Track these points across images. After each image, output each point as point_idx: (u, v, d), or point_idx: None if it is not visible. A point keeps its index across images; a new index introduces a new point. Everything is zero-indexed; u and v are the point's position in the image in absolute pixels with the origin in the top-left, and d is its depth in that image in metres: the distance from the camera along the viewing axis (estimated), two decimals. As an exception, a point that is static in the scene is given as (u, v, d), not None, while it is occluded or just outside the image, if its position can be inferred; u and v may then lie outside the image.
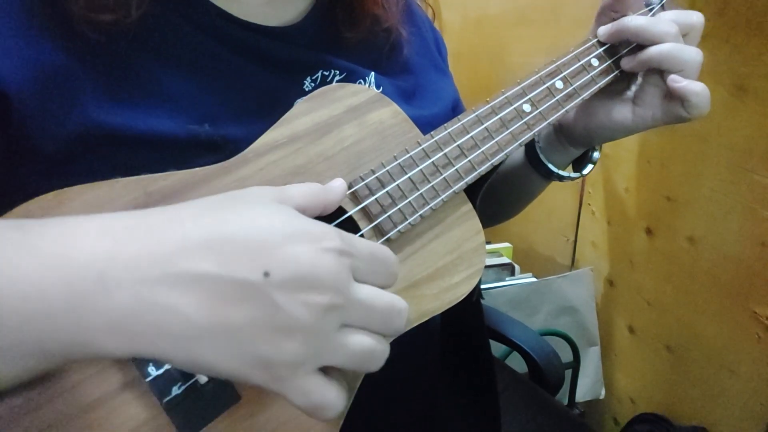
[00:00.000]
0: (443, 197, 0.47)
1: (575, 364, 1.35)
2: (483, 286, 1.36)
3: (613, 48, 0.57)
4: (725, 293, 1.03)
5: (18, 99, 0.40)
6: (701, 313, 1.09)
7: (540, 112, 0.52)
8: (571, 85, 0.54)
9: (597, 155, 0.64)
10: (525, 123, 0.52)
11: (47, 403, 0.34)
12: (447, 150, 0.48)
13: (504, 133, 0.51)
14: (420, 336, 0.51)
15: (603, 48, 0.56)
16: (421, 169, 0.47)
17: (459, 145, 0.49)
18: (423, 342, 0.60)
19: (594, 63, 0.56)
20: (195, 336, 0.29)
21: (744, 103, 0.93)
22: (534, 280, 1.41)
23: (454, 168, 0.48)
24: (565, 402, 1.36)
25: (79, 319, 0.29)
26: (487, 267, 1.43)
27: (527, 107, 0.52)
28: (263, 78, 0.49)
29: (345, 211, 0.45)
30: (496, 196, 0.72)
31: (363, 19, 0.55)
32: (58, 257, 0.29)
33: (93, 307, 0.29)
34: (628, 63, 0.55)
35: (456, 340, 0.66)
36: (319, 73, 0.52)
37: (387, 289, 0.35)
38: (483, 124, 0.50)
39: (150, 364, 0.37)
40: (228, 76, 0.47)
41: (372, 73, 0.55)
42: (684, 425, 1.15)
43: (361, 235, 0.45)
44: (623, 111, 0.57)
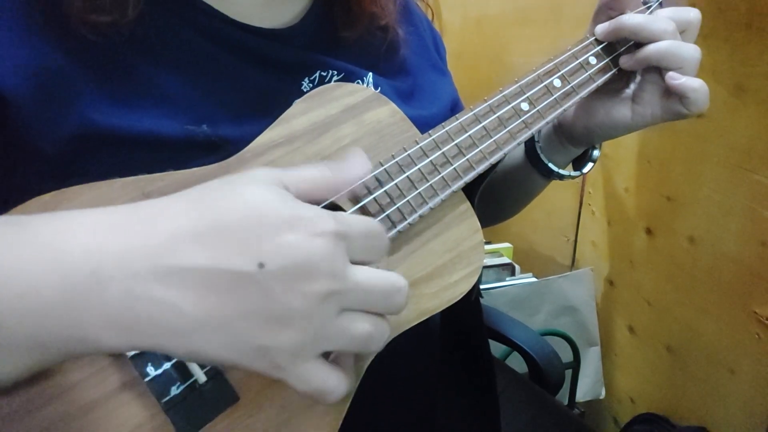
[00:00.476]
0: (442, 196, 0.47)
1: (575, 364, 1.35)
2: (483, 286, 1.36)
3: (611, 46, 0.57)
4: (725, 293, 1.03)
5: (16, 100, 0.40)
6: (701, 313, 1.09)
7: (538, 110, 0.52)
8: (569, 84, 0.54)
9: (597, 153, 0.64)
10: (523, 121, 0.52)
11: (46, 404, 0.34)
12: (445, 149, 0.48)
13: (502, 132, 0.51)
14: (419, 335, 0.50)
15: (601, 46, 0.56)
16: (420, 168, 0.47)
17: (457, 144, 0.49)
18: (422, 341, 0.60)
19: (592, 61, 0.56)
20: (191, 329, 0.29)
21: (744, 103, 0.93)
22: (534, 280, 1.41)
23: (452, 167, 0.48)
24: (565, 402, 1.36)
25: (76, 315, 0.29)
26: (487, 267, 1.43)
27: (525, 106, 0.52)
28: (261, 79, 0.49)
29: (343, 211, 0.45)
30: (496, 195, 0.72)
31: (360, 18, 0.54)
32: (52, 252, 0.29)
33: (88, 303, 0.29)
34: (626, 61, 0.55)
35: (455, 339, 0.66)
36: (317, 74, 0.52)
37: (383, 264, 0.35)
38: (481, 122, 0.50)
39: (149, 364, 0.37)
40: (225, 77, 0.47)
41: (370, 74, 0.55)
42: (684, 425, 1.15)
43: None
44: (622, 109, 0.57)
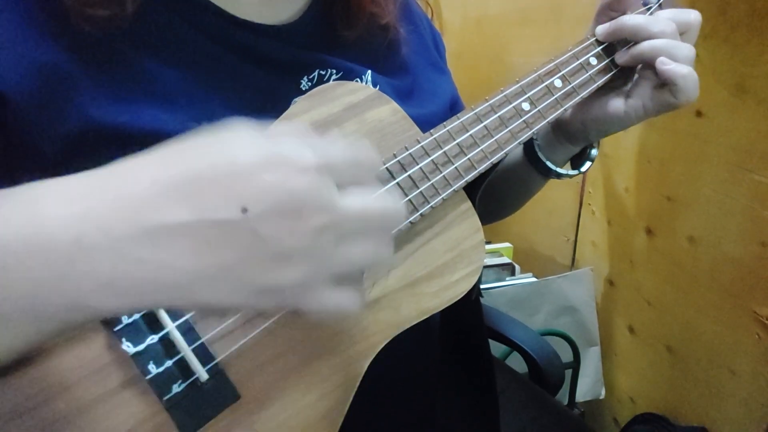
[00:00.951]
0: (443, 195, 0.47)
1: (575, 364, 1.35)
2: (483, 286, 1.36)
3: (612, 47, 0.57)
4: (725, 293, 1.03)
5: (15, 99, 0.40)
6: (701, 313, 1.09)
7: (539, 110, 0.53)
8: (570, 84, 0.54)
9: (595, 152, 0.64)
10: (524, 121, 0.52)
11: (48, 402, 0.34)
12: (446, 148, 0.48)
13: (503, 131, 0.51)
14: (419, 335, 0.51)
15: (601, 47, 0.56)
16: (421, 167, 0.47)
17: (458, 143, 0.49)
18: (422, 341, 0.60)
19: (592, 62, 0.56)
20: (189, 283, 0.29)
21: (744, 103, 0.93)
22: (534, 280, 1.41)
23: (453, 166, 0.48)
24: (565, 402, 1.36)
25: (68, 285, 0.28)
26: (487, 267, 1.43)
27: (526, 106, 0.52)
28: (260, 77, 0.49)
29: None
30: (495, 194, 0.72)
31: (360, 17, 0.55)
32: (31, 225, 0.29)
33: (78, 272, 0.28)
34: (621, 57, 0.56)
35: (455, 339, 0.66)
36: (316, 73, 0.52)
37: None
38: (482, 122, 0.50)
39: (150, 361, 0.37)
40: (225, 74, 0.47)
41: (369, 72, 0.55)
42: (684, 425, 1.15)
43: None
44: (616, 103, 0.58)
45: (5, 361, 0.31)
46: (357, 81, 0.54)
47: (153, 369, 0.37)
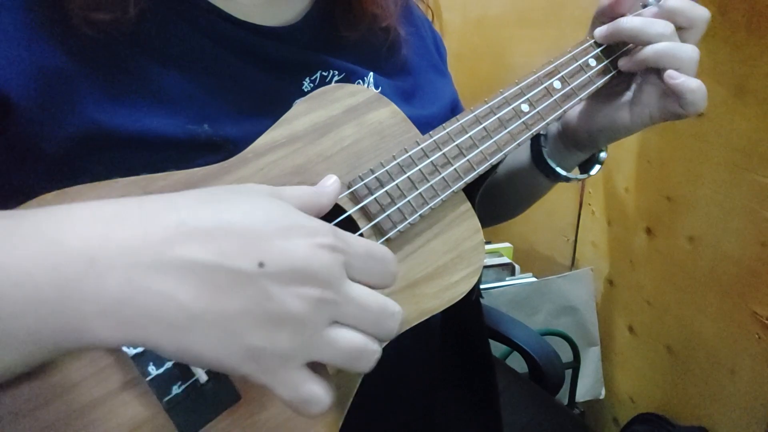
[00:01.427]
0: (442, 197, 0.47)
1: (575, 364, 1.35)
2: (483, 286, 1.36)
3: (611, 48, 0.57)
4: (725, 293, 1.03)
5: (18, 101, 0.40)
6: (701, 313, 1.09)
7: (538, 111, 0.53)
8: (569, 85, 0.54)
9: (604, 155, 0.64)
10: (523, 123, 0.52)
11: (48, 403, 0.34)
12: (446, 150, 0.48)
13: (502, 133, 0.51)
14: (420, 335, 0.51)
15: (600, 48, 0.56)
16: (420, 169, 0.47)
17: (458, 145, 0.49)
18: (423, 341, 0.60)
19: (591, 63, 0.56)
20: (186, 323, 0.29)
21: (744, 103, 0.93)
22: (534, 280, 1.41)
23: (452, 167, 0.48)
24: (565, 402, 1.36)
25: (70, 305, 0.29)
26: (487, 267, 1.43)
27: (525, 107, 0.52)
28: (262, 78, 0.49)
29: (344, 211, 0.45)
30: (501, 197, 0.72)
31: (362, 19, 0.55)
32: (50, 244, 0.29)
33: (84, 292, 0.29)
34: (625, 64, 0.55)
35: (456, 339, 0.66)
36: (318, 74, 0.52)
37: (386, 290, 0.35)
38: (481, 124, 0.50)
39: (150, 363, 0.37)
40: (226, 76, 0.47)
41: (371, 74, 0.55)
42: (684, 425, 1.15)
43: (361, 235, 0.45)
44: (621, 112, 0.57)
45: (1, 380, 0.31)
46: (359, 82, 0.54)
47: (153, 370, 0.37)
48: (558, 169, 0.63)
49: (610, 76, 0.56)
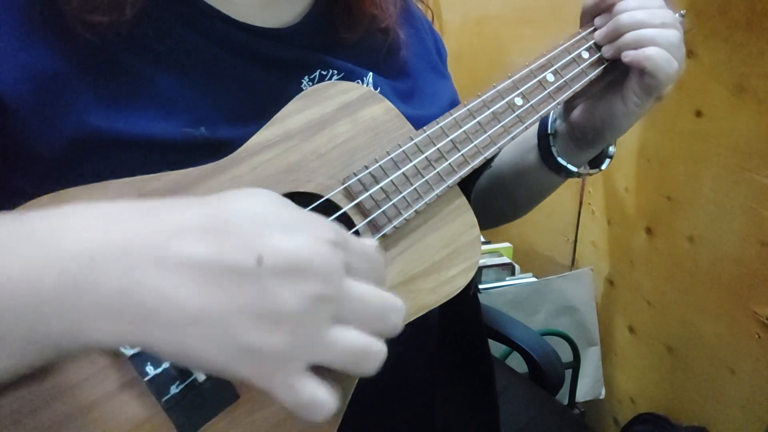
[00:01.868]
0: (437, 192, 0.47)
1: (575, 364, 1.35)
2: (483, 285, 1.36)
3: None
4: (725, 293, 1.03)
5: (13, 105, 0.40)
6: (701, 313, 1.09)
7: (531, 104, 0.53)
8: (562, 78, 0.55)
9: (613, 150, 0.65)
10: (517, 116, 0.52)
11: (47, 405, 0.34)
12: (440, 144, 0.48)
13: (496, 127, 0.51)
14: (418, 331, 0.51)
15: (593, 40, 0.56)
16: (414, 164, 0.47)
17: (451, 140, 0.49)
18: (421, 337, 0.60)
19: (584, 55, 0.56)
20: (183, 321, 0.29)
21: (744, 103, 0.93)
22: (534, 280, 1.41)
23: (447, 162, 0.48)
24: (565, 402, 1.36)
25: (69, 304, 0.29)
26: (487, 267, 1.43)
27: (519, 100, 0.52)
28: (260, 78, 0.49)
29: (339, 207, 0.45)
30: (510, 196, 0.72)
31: (361, 20, 0.55)
32: (49, 245, 0.29)
33: (82, 291, 0.29)
34: (607, 50, 0.56)
35: (454, 336, 0.66)
36: (317, 73, 0.52)
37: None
38: (475, 118, 0.50)
39: (148, 363, 0.37)
40: (224, 77, 0.47)
41: (370, 74, 0.55)
42: (684, 425, 1.15)
43: (356, 231, 0.45)
44: (616, 100, 0.57)
45: None
46: (358, 82, 0.54)
47: (151, 370, 0.37)
48: (570, 167, 0.63)
49: (603, 67, 0.56)
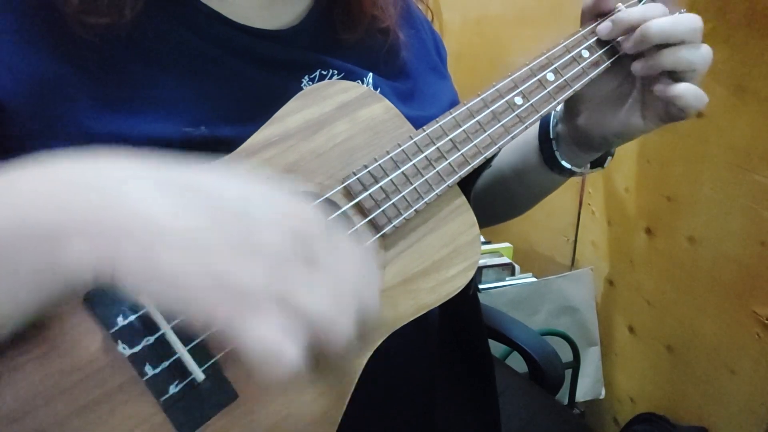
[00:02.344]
0: (437, 191, 0.47)
1: (575, 364, 1.35)
2: (483, 285, 1.36)
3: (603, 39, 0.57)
4: (725, 293, 1.03)
5: (13, 108, 0.40)
6: (701, 313, 1.09)
7: (531, 104, 0.53)
8: (563, 77, 0.54)
9: (614, 149, 0.65)
10: (517, 115, 0.52)
11: (46, 405, 0.34)
12: (440, 144, 0.48)
13: (496, 126, 0.51)
14: (417, 330, 0.51)
15: (593, 39, 0.56)
16: (414, 164, 0.47)
17: (451, 139, 0.49)
18: (420, 336, 0.60)
19: (584, 54, 0.56)
20: (156, 237, 0.28)
21: (744, 103, 0.93)
22: (534, 280, 1.41)
23: (447, 161, 0.48)
24: (565, 402, 1.36)
25: (47, 221, 0.29)
26: (487, 267, 1.43)
27: (519, 100, 0.52)
28: (260, 78, 0.49)
29: (339, 207, 0.45)
30: (511, 195, 0.72)
31: (361, 20, 0.55)
32: (34, 176, 0.31)
33: (60, 207, 0.29)
34: (641, 69, 0.54)
35: (454, 335, 0.66)
36: (317, 73, 0.52)
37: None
38: (475, 117, 0.50)
39: (146, 363, 0.37)
40: (224, 77, 0.47)
41: (370, 74, 0.55)
42: (684, 425, 1.15)
43: (356, 231, 0.45)
44: (635, 115, 0.57)
45: None
46: (358, 82, 0.54)
47: (149, 370, 0.37)
48: (573, 168, 0.63)
49: (603, 67, 0.56)
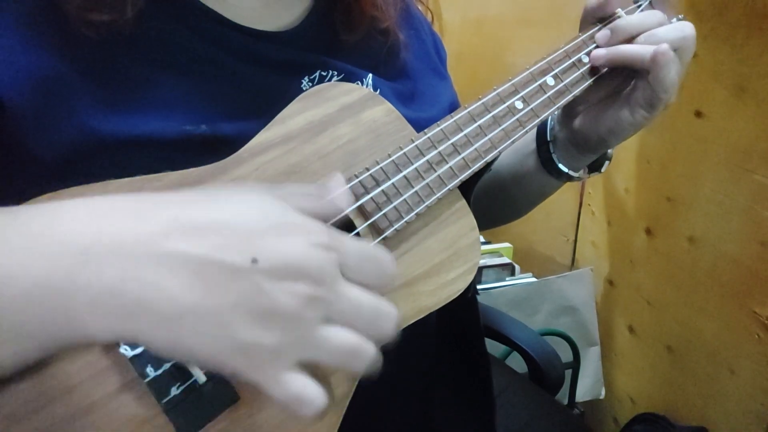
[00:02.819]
0: (438, 195, 0.48)
1: (575, 364, 1.35)
2: (483, 286, 1.36)
3: None
4: (725, 293, 1.03)
5: (13, 107, 0.40)
6: (701, 313, 1.09)
7: (532, 108, 0.53)
8: (562, 82, 0.55)
9: (611, 152, 0.65)
10: (517, 120, 0.52)
11: (46, 406, 0.34)
12: (441, 148, 0.48)
13: (497, 130, 0.51)
14: (415, 333, 0.51)
15: (593, 45, 0.56)
16: (416, 167, 0.47)
17: (452, 143, 0.49)
18: (418, 339, 0.60)
19: (584, 59, 0.56)
20: (177, 315, 0.29)
21: (744, 103, 0.93)
22: (534, 280, 1.41)
23: (448, 165, 0.48)
24: (565, 402, 1.36)
25: (63, 296, 0.29)
26: (487, 267, 1.43)
27: (519, 104, 0.53)
28: (260, 78, 0.49)
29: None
30: (509, 199, 0.73)
31: (361, 21, 0.55)
32: (44, 237, 0.30)
33: (76, 284, 0.29)
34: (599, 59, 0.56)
35: (452, 338, 0.66)
36: (317, 74, 0.52)
37: (384, 291, 0.35)
38: (476, 121, 0.50)
39: (148, 364, 0.37)
40: (224, 77, 0.47)
41: (370, 75, 0.55)
42: (684, 425, 1.15)
43: (357, 234, 0.45)
44: (624, 110, 0.57)
45: None
46: (358, 83, 0.54)
47: (151, 372, 0.37)
48: (571, 173, 0.63)
49: (602, 72, 0.56)
